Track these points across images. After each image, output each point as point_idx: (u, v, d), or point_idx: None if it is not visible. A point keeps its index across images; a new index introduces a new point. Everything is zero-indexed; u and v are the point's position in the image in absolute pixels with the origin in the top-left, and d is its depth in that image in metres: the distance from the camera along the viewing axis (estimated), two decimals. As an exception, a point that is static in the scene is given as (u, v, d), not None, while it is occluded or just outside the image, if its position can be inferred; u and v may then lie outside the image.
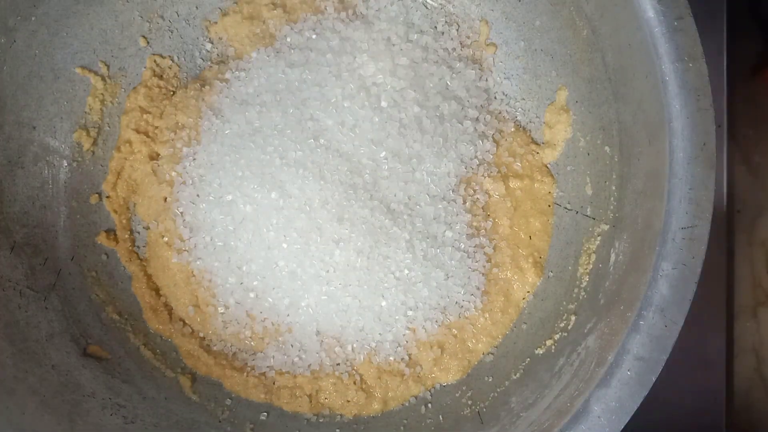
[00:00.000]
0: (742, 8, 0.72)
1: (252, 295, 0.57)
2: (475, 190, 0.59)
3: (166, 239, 0.59)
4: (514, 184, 0.59)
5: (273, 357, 0.58)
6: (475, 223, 0.59)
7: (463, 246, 0.57)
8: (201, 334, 0.59)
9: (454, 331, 0.57)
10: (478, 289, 0.58)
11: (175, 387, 0.56)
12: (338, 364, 0.57)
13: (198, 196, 0.59)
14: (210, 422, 0.55)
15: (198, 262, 0.58)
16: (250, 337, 0.58)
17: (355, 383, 0.57)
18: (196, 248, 0.59)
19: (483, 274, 0.58)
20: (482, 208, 0.59)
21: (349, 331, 0.57)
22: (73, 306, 0.56)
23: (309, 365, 0.57)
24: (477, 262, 0.58)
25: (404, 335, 0.57)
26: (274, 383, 0.57)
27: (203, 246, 0.58)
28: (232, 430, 0.55)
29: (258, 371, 0.58)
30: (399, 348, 0.57)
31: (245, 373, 0.57)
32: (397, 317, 0.56)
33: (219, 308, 0.58)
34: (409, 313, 0.56)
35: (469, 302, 0.58)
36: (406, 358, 0.57)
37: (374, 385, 0.57)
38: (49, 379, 0.50)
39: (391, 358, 0.57)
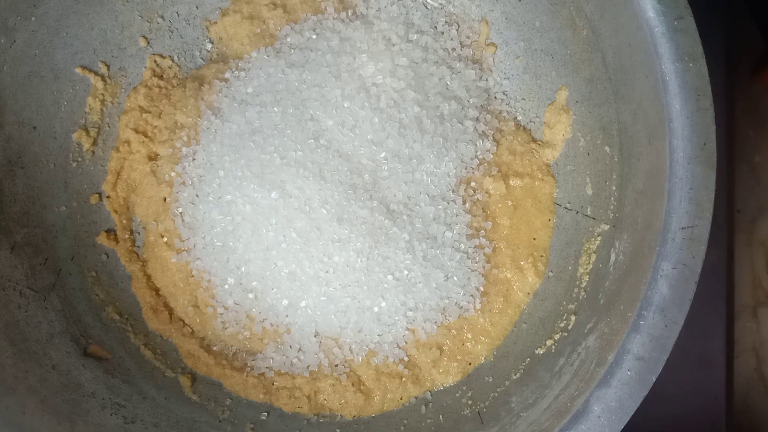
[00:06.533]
0: (742, 8, 0.72)
1: (251, 295, 0.57)
2: (475, 190, 0.59)
3: (165, 239, 0.59)
4: (514, 182, 0.59)
5: (272, 358, 0.58)
6: (475, 224, 0.58)
7: (463, 247, 0.57)
8: (200, 335, 0.59)
9: (453, 332, 0.57)
10: (478, 290, 0.58)
11: (175, 387, 0.56)
12: (336, 365, 0.57)
13: (197, 196, 0.59)
14: (210, 422, 0.55)
15: (197, 263, 0.58)
16: (249, 338, 0.58)
17: (353, 384, 0.56)
18: (195, 248, 0.59)
19: (483, 275, 0.58)
20: (482, 208, 0.59)
21: (348, 332, 0.57)
22: (73, 306, 0.56)
23: (308, 366, 0.57)
24: (477, 262, 0.58)
25: (403, 336, 0.57)
26: (273, 384, 0.57)
27: (202, 246, 0.58)
28: (233, 430, 0.55)
29: (257, 371, 0.57)
30: (398, 349, 0.57)
31: (245, 374, 0.57)
32: (397, 318, 0.56)
33: (218, 309, 0.58)
34: (409, 314, 0.56)
35: (468, 303, 0.57)
36: (405, 359, 0.57)
37: (373, 386, 0.57)
38: (49, 379, 0.50)
39: (390, 360, 0.57)
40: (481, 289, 0.58)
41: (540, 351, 0.53)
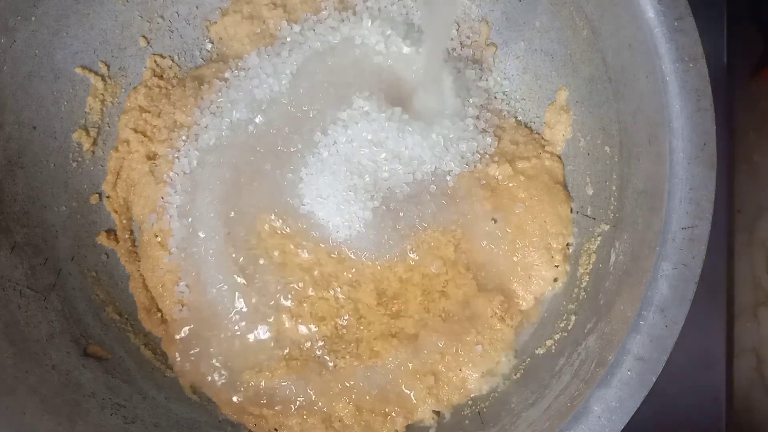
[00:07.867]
0: (742, 8, 0.72)
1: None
2: (479, 179, 0.58)
3: (159, 239, 0.59)
4: (522, 164, 0.57)
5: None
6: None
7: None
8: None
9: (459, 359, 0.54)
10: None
11: (175, 387, 0.56)
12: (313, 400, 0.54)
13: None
14: (210, 422, 0.55)
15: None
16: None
17: (323, 422, 0.53)
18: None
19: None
20: (491, 190, 0.57)
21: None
22: (73, 306, 0.56)
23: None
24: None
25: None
26: (242, 407, 0.55)
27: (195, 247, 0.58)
28: (233, 430, 0.55)
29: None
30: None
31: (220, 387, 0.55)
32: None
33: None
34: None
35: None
36: (394, 396, 0.53)
37: (352, 423, 0.53)
38: (49, 379, 0.50)
39: (374, 394, 0.53)
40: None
41: (540, 351, 0.53)
